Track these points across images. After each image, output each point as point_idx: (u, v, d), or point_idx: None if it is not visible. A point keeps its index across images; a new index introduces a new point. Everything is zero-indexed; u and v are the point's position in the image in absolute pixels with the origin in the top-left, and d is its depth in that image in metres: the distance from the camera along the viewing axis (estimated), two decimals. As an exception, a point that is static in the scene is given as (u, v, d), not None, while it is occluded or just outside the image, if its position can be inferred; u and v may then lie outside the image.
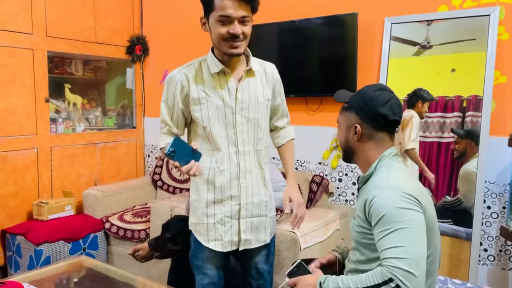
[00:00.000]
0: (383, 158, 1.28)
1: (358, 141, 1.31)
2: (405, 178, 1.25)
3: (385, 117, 1.27)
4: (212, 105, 1.54)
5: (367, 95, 1.29)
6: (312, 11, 2.73)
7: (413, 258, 1.10)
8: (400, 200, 1.15)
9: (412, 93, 2.44)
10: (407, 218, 1.13)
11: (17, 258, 2.73)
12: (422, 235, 1.14)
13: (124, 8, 3.54)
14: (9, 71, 2.79)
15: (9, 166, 2.82)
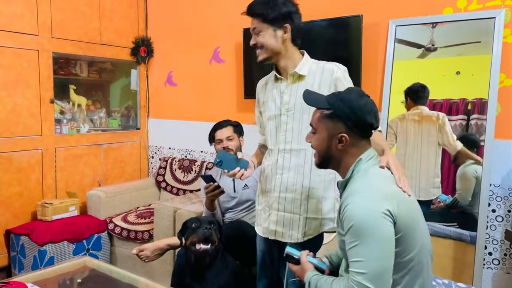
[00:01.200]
0: (360, 162, 1.28)
1: (341, 149, 1.29)
2: (379, 184, 1.23)
3: (372, 126, 1.28)
4: (268, 107, 1.74)
5: (354, 104, 1.26)
6: (316, 13, 2.73)
7: (373, 273, 1.12)
8: (368, 212, 1.15)
9: (422, 87, 2.41)
10: (371, 233, 1.14)
11: (21, 258, 2.74)
12: (386, 249, 1.15)
13: (129, 9, 3.55)
14: (14, 72, 2.81)
15: (14, 167, 2.83)
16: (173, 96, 3.62)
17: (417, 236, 1.23)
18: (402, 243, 1.18)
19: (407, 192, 1.26)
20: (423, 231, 1.27)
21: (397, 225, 1.17)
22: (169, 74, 3.63)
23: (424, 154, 2.41)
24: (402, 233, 1.18)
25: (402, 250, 1.19)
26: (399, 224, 1.17)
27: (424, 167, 2.41)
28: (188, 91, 3.51)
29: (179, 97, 3.58)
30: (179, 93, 3.58)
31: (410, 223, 1.21)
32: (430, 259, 1.31)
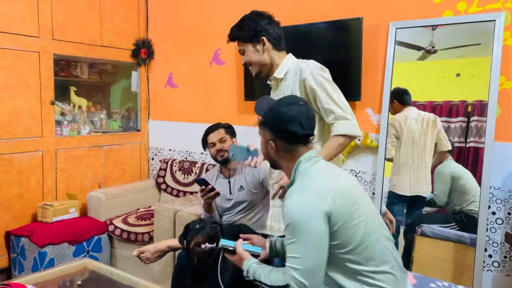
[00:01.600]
0: (300, 164, 1.35)
1: (276, 154, 1.39)
2: (315, 182, 1.29)
3: (294, 134, 1.33)
4: None
5: (277, 112, 1.35)
6: (316, 16, 2.74)
7: (306, 269, 1.22)
8: (302, 211, 1.22)
9: (404, 91, 2.47)
10: (304, 231, 1.21)
11: (21, 260, 2.74)
12: (319, 247, 1.22)
13: (130, 11, 3.56)
14: (15, 74, 2.81)
15: (15, 168, 2.84)
16: (174, 98, 3.62)
17: (359, 222, 1.26)
18: (341, 234, 1.24)
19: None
20: (368, 219, 1.29)
21: (333, 218, 1.23)
22: (169, 76, 3.63)
23: (429, 153, 2.43)
24: (340, 224, 1.24)
25: (342, 241, 1.25)
26: (335, 216, 1.23)
27: (429, 166, 2.43)
28: (189, 93, 3.51)
29: (180, 99, 3.58)
30: (179, 95, 3.58)
31: (348, 212, 1.25)
32: (386, 241, 1.33)
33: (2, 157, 2.77)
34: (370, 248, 1.27)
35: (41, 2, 2.91)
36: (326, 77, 1.75)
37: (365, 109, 2.63)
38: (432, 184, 2.41)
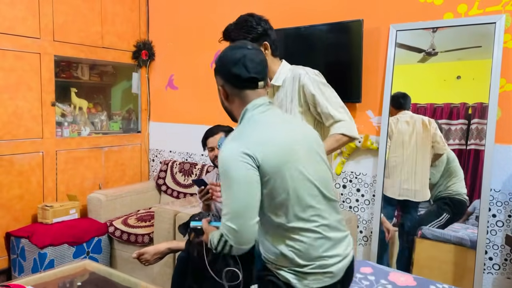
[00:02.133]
0: (246, 112, 1.32)
1: (228, 101, 1.37)
2: (251, 131, 1.27)
3: (238, 77, 1.30)
4: None
5: (222, 56, 1.35)
6: (317, 18, 2.74)
7: (233, 213, 1.19)
8: (232, 159, 1.21)
9: (403, 95, 2.49)
10: (232, 176, 1.20)
11: (21, 261, 2.74)
12: (245, 190, 1.20)
13: (131, 13, 3.57)
14: (16, 75, 2.82)
15: (15, 169, 2.84)
16: (174, 100, 3.62)
17: (289, 177, 1.24)
18: (272, 186, 1.23)
19: None
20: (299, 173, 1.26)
21: (263, 169, 1.21)
22: (170, 77, 3.64)
23: (420, 156, 2.43)
24: (269, 177, 1.22)
25: (272, 192, 1.23)
26: (265, 168, 1.21)
27: (419, 169, 2.43)
28: (189, 94, 3.51)
29: (180, 101, 3.58)
30: (180, 96, 3.59)
31: (280, 168, 1.23)
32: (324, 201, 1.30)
33: (3, 158, 2.77)
34: (296, 205, 1.25)
35: (42, 3, 2.92)
36: (323, 82, 1.78)
37: (366, 111, 2.63)
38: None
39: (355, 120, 2.63)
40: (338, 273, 1.30)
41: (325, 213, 1.29)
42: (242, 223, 1.19)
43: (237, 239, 1.19)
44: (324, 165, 1.36)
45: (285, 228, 1.26)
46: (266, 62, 1.37)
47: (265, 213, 1.27)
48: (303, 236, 1.26)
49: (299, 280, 1.27)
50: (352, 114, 2.64)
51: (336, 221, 1.32)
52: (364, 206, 2.68)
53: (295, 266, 1.27)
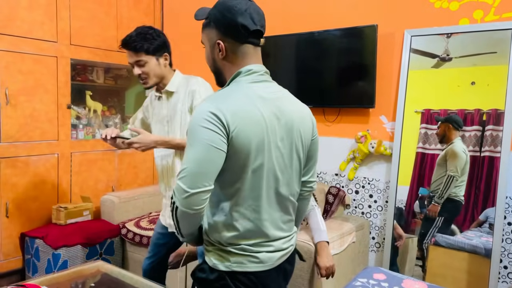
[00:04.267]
0: (238, 75, 1.21)
1: (223, 59, 1.23)
2: (234, 96, 1.17)
3: (245, 27, 1.18)
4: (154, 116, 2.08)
5: (224, 6, 1.19)
6: (331, 23, 2.75)
7: (187, 174, 1.10)
8: (201, 118, 1.12)
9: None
10: (197, 137, 1.11)
11: (35, 261, 2.78)
12: (207, 154, 1.10)
13: (146, 18, 3.61)
14: (34, 78, 2.87)
15: (31, 171, 2.89)
16: (187, 103, 3.65)
17: (258, 164, 1.16)
18: (233, 164, 1.14)
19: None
20: (275, 166, 1.19)
21: (232, 143, 1.12)
22: (183, 81, 3.66)
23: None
24: (234, 153, 1.13)
25: (231, 166, 1.15)
26: (235, 143, 1.12)
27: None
28: (202, 98, 3.54)
29: (193, 104, 3.60)
30: (193, 100, 3.61)
31: (247, 147, 1.14)
32: (272, 198, 1.23)
33: (19, 160, 2.82)
34: (249, 191, 1.18)
35: (60, 8, 2.98)
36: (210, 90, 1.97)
37: (379, 117, 2.62)
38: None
39: (368, 125, 2.65)
40: (267, 261, 1.23)
41: (270, 210, 1.22)
42: (193, 186, 1.09)
43: (184, 200, 1.09)
44: (298, 162, 1.27)
45: (224, 206, 1.20)
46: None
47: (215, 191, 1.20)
48: (239, 222, 1.19)
49: (221, 261, 1.22)
50: (365, 119, 2.67)
51: (281, 220, 1.26)
52: (377, 212, 2.67)
53: (220, 244, 1.22)
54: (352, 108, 2.71)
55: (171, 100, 1.97)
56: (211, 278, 1.24)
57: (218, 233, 1.22)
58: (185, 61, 3.64)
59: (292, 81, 2.91)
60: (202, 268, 1.27)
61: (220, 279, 1.22)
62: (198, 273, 1.29)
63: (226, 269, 1.22)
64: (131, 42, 1.88)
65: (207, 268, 1.25)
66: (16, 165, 2.81)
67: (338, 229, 2.37)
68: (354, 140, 2.66)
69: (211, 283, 1.24)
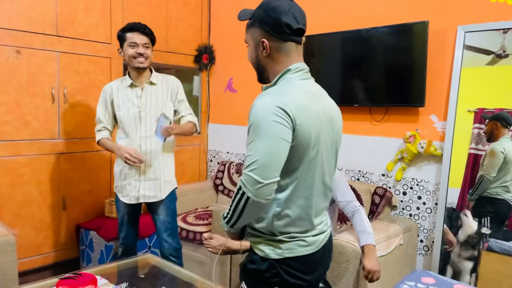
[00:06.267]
0: (287, 72, 1.27)
1: (267, 56, 1.29)
2: (292, 92, 1.22)
3: (289, 26, 1.24)
4: (125, 106, 2.40)
5: (269, 6, 1.26)
6: (378, 20, 2.69)
7: (259, 165, 1.13)
8: (269, 113, 1.16)
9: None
10: (267, 130, 1.15)
11: (89, 252, 2.94)
12: (278, 146, 1.15)
13: (194, 18, 3.70)
14: (89, 78, 3.03)
15: (86, 166, 3.05)
16: (233, 102, 3.71)
17: (312, 156, 1.23)
18: (292, 154, 1.20)
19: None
20: (323, 158, 1.28)
21: (296, 134, 1.18)
22: (229, 80, 3.73)
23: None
24: (296, 144, 1.19)
25: (291, 157, 1.20)
26: (298, 135, 1.18)
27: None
28: (247, 97, 3.58)
29: (238, 103, 3.66)
30: (238, 99, 3.66)
31: (309, 141, 1.21)
32: (319, 187, 1.31)
33: (75, 155, 2.99)
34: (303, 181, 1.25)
35: (113, 11, 3.12)
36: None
37: (429, 116, 2.54)
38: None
39: (417, 124, 2.57)
40: (314, 243, 1.31)
41: (317, 198, 1.31)
42: (266, 177, 1.14)
43: (257, 191, 1.14)
44: (335, 155, 1.37)
45: (279, 196, 1.24)
46: None
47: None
48: (292, 209, 1.26)
49: (273, 250, 1.27)
50: (414, 118, 2.59)
51: (322, 207, 1.36)
52: (426, 215, 2.58)
53: (272, 235, 1.27)
54: (400, 107, 2.64)
55: (150, 90, 2.39)
56: (262, 268, 1.29)
57: (270, 223, 1.27)
58: (231, 59, 3.70)
59: (337, 80, 2.88)
60: (252, 260, 1.32)
61: (271, 268, 1.28)
62: (248, 265, 1.34)
63: (278, 257, 1.27)
64: (146, 28, 2.36)
65: (257, 258, 1.30)
66: (73, 161, 2.98)
67: (384, 230, 2.32)
68: (402, 140, 2.59)
69: (262, 273, 1.29)
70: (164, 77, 2.48)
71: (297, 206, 1.27)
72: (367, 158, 2.80)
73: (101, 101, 2.45)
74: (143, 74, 2.39)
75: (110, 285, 1.87)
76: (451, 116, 2.41)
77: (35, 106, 2.77)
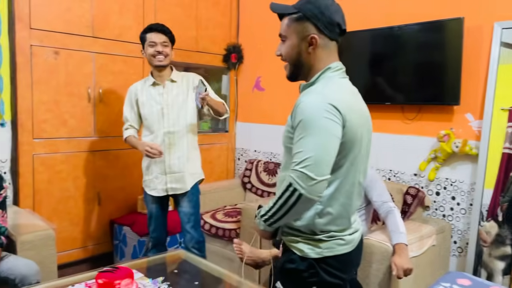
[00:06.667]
0: (328, 70, 1.28)
1: (311, 53, 1.28)
2: (338, 90, 1.25)
3: (339, 26, 1.27)
4: (149, 104, 2.51)
5: (321, 3, 1.26)
6: (410, 17, 2.65)
7: (312, 161, 1.13)
8: (320, 109, 1.16)
9: None
10: (320, 127, 1.15)
11: (122, 247, 3.02)
12: (331, 143, 1.16)
13: (223, 17, 3.74)
14: (122, 78, 3.11)
15: (120, 163, 3.13)
16: (260, 101, 3.73)
17: (355, 150, 1.25)
18: (341, 149, 1.21)
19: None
20: (362, 156, 1.29)
21: (344, 132, 1.20)
22: (257, 79, 3.75)
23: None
24: (346, 139, 1.21)
25: (337, 154, 1.21)
26: (347, 132, 1.20)
27: None
28: (275, 96, 3.59)
29: (266, 102, 3.68)
30: (266, 97, 3.68)
31: (356, 139, 1.23)
32: (357, 185, 1.32)
33: (110, 153, 3.08)
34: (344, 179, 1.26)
35: (146, 12, 3.19)
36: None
37: (465, 115, 2.49)
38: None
39: (451, 123, 2.53)
40: (351, 241, 1.32)
41: (355, 196, 1.32)
42: (319, 173, 1.14)
43: (310, 188, 1.13)
44: (368, 154, 1.37)
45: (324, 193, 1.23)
46: None
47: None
48: (334, 207, 1.26)
49: (313, 249, 1.27)
50: (448, 117, 2.55)
51: (356, 205, 1.36)
52: (460, 216, 2.53)
53: (312, 233, 1.27)
54: (434, 105, 2.59)
55: (172, 87, 2.48)
56: (301, 268, 1.29)
57: (311, 221, 1.27)
58: (259, 58, 3.71)
59: (366, 78, 2.85)
60: (291, 259, 1.32)
61: (310, 267, 1.28)
62: (287, 265, 1.33)
63: (317, 256, 1.28)
64: (164, 27, 2.47)
65: (296, 258, 1.30)
66: (107, 158, 3.07)
67: (417, 231, 2.29)
68: (436, 139, 2.55)
69: (300, 273, 1.29)
70: (185, 75, 2.56)
71: (339, 204, 1.27)
72: (398, 157, 2.77)
73: (127, 100, 2.57)
74: (164, 72, 2.48)
75: (146, 279, 1.93)
76: (487, 115, 2.35)
77: (72, 105, 2.87)
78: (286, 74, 1.38)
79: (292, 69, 1.35)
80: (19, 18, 2.60)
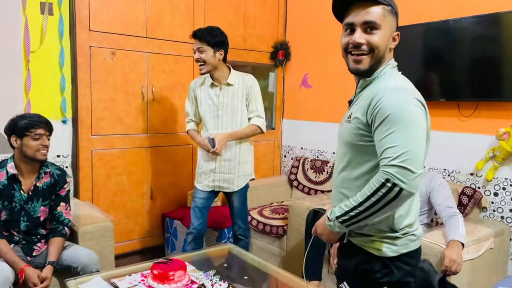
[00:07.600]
0: (388, 66, 1.28)
1: (391, 49, 1.29)
2: (411, 84, 1.25)
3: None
4: (206, 103, 2.57)
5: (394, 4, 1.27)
6: (466, 10, 2.53)
7: (411, 155, 1.10)
8: (408, 102, 1.15)
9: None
10: (411, 119, 1.13)
11: (173, 240, 3.13)
12: (422, 136, 1.16)
13: (271, 16, 3.76)
14: (174, 77, 3.21)
15: (170, 159, 3.24)
16: (307, 98, 3.71)
17: (428, 147, 1.24)
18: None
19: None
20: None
21: (426, 124, 1.20)
22: (304, 76, 3.73)
23: None
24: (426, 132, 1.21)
25: None
26: (426, 124, 1.20)
27: None
28: (323, 93, 3.56)
29: (313, 99, 3.66)
30: (313, 95, 3.66)
31: (429, 131, 1.24)
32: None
33: (161, 149, 3.20)
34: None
35: (196, 12, 3.27)
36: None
37: (526, 111, 2.35)
38: None
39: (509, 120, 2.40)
40: (420, 236, 1.31)
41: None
42: (419, 167, 1.10)
43: (412, 182, 1.09)
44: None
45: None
46: None
47: None
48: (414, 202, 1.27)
49: (389, 248, 1.25)
50: (508, 114, 2.42)
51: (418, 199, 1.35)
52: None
53: (392, 231, 1.25)
54: (493, 101, 2.47)
55: (228, 90, 2.51)
56: (376, 268, 1.25)
57: (391, 218, 1.24)
58: (307, 55, 3.70)
59: (420, 74, 2.76)
60: (366, 260, 1.27)
61: (384, 267, 1.25)
62: (362, 265, 1.29)
63: (394, 254, 1.25)
64: (199, 33, 2.45)
65: (371, 258, 1.26)
66: (159, 154, 3.19)
67: (473, 233, 2.20)
68: (495, 137, 2.43)
69: (374, 273, 1.26)
70: (241, 77, 2.57)
71: (411, 198, 1.21)
72: (454, 156, 2.66)
73: (188, 95, 2.66)
74: (220, 74, 2.53)
75: (198, 272, 1.99)
76: (552, 112, 2.21)
77: (127, 103, 3.01)
78: (360, 67, 1.26)
79: (373, 62, 1.25)
80: (80, 21, 2.76)
